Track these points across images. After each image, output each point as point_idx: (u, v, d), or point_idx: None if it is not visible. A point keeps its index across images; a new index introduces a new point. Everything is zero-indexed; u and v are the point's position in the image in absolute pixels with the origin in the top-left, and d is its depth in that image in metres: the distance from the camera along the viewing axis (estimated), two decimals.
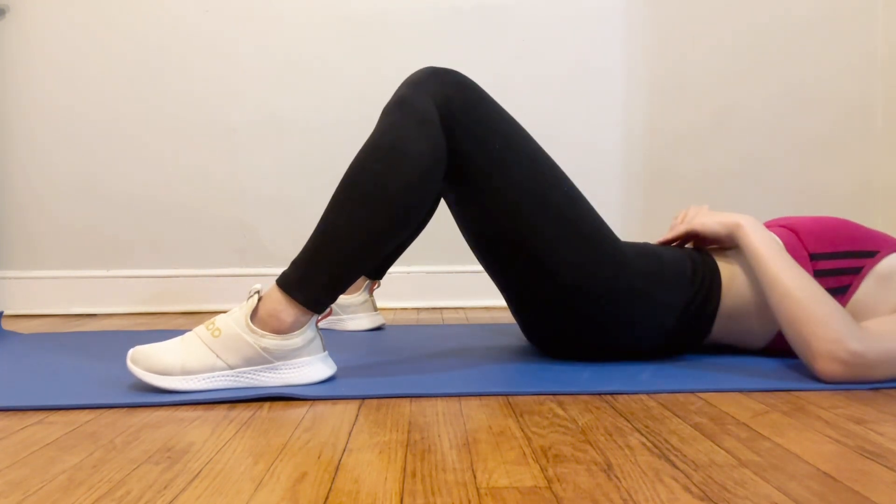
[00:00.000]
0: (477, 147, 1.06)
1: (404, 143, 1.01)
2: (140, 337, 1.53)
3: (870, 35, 2.09)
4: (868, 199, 2.11)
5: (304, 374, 1.03)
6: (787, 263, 1.07)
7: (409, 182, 1.01)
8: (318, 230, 1.02)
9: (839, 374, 1.00)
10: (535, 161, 1.10)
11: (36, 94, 2.03)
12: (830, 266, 1.13)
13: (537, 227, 1.08)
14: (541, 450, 0.75)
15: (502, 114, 1.10)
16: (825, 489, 0.64)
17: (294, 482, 0.67)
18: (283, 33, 2.05)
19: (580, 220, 1.11)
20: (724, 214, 1.18)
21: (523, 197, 1.08)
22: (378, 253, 1.03)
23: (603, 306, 1.12)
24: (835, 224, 1.18)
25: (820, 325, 1.00)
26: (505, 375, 1.09)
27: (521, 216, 1.08)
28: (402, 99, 1.05)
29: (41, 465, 0.72)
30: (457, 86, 1.07)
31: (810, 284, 1.04)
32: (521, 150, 1.09)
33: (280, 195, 2.06)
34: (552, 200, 1.09)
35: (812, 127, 2.10)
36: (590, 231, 1.11)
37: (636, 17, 2.08)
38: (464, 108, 1.05)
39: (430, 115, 1.03)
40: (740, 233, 1.14)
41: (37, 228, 2.04)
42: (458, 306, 2.09)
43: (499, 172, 1.07)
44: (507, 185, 1.07)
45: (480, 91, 1.09)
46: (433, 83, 1.06)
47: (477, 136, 1.06)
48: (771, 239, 1.11)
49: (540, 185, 1.09)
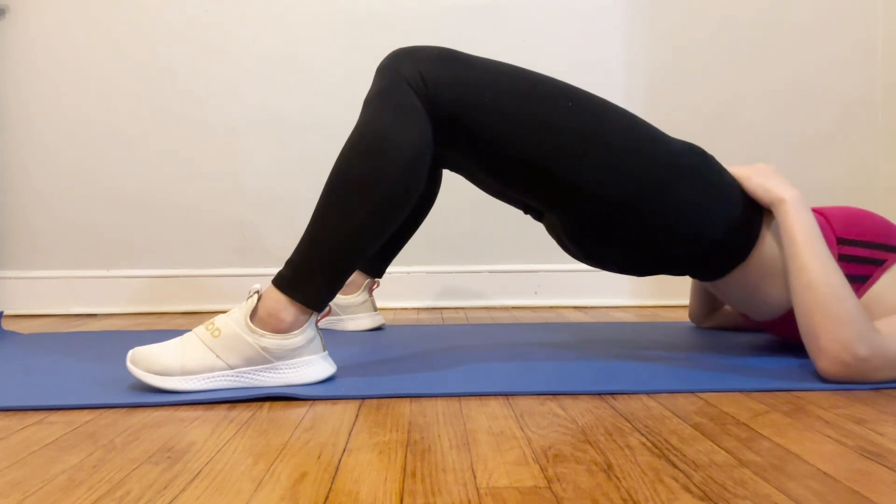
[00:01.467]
0: (467, 109, 1.03)
1: (386, 134, 1.00)
2: (140, 337, 1.53)
3: (870, 32, 2.09)
4: (868, 197, 2.11)
5: (304, 373, 1.03)
6: (820, 253, 1.04)
7: (396, 171, 1.00)
8: (311, 228, 1.02)
9: (840, 374, 1.00)
10: (533, 93, 1.05)
11: (36, 94, 2.03)
12: (855, 253, 1.12)
13: (564, 156, 1.04)
14: (541, 450, 0.75)
15: (481, 66, 1.06)
16: (825, 489, 0.64)
17: (294, 482, 0.67)
18: (283, 33, 2.05)
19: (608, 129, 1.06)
20: (775, 183, 1.12)
21: (532, 134, 1.04)
22: (371, 246, 1.03)
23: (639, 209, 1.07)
24: (865, 214, 1.18)
25: (835, 323, 1.00)
26: (505, 375, 1.09)
27: (542, 153, 1.04)
28: (378, 89, 1.03)
29: (41, 465, 0.72)
30: (425, 61, 1.04)
31: (837, 280, 1.02)
32: (514, 90, 1.05)
33: (280, 195, 2.06)
34: (568, 122, 1.04)
35: (812, 124, 2.10)
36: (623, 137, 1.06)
37: (635, 12, 2.08)
38: (437, 80, 1.02)
39: (408, 101, 1.01)
40: (782, 208, 1.09)
41: (37, 228, 2.04)
42: (458, 306, 2.09)
43: (501, 122, 1.03)
44: (514, 129, 1.04)
45: (451, 55, 1.05)
46: (403, 64, 1.03)
47: (462, 99, 1.03)
48: (812, 223, 1.07)
49: (544, 113, 1.04)
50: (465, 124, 1.03)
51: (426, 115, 1.02)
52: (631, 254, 1.14)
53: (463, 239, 2.10)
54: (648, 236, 1.10)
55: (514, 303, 2.09)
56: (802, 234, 1.06)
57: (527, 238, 2.09)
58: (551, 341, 1.41)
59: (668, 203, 1.08)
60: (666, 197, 1.07)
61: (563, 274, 2.09)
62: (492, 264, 2.10)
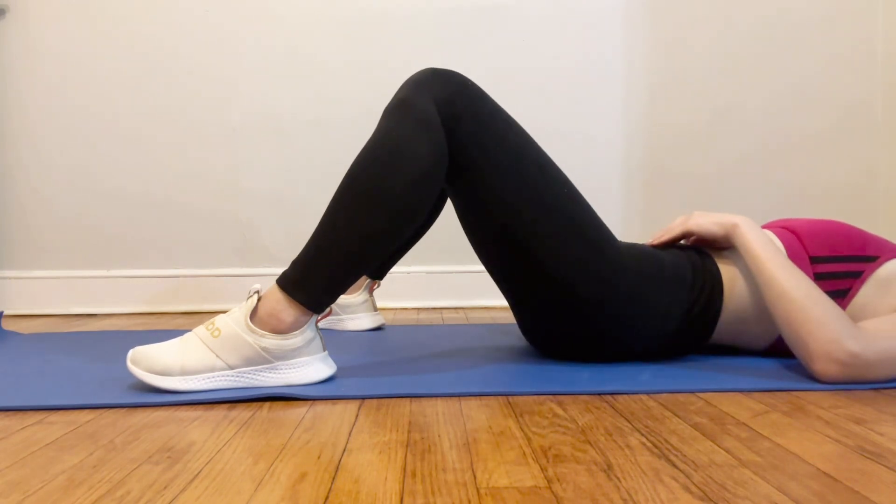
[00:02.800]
0: (478, 148, 1.06)
1: (405, 145, 1.01)
2: (140, 337, 1.53)
3: (870, 32, 2.09)
4: (869, 197, 2.11)
5: (304, 373, 1.03)
6: (784, 263, 1.07)
7: (410, 183, 1.01)
8: (319, 230, 1.02)
9: (837, 375, 1.00)
10: (535, 163, 1.10)
11: (36, 93, 2.03)
12: (831, 269, 1.13)
13: (537, 227, 1.08)
14: (541, 450, 0.75)
15: (503, 115, 1.10)
16: (825, 489, 0.64)
17: (294, 482, 0.67)
18: (283, 33, 2.05)
19: (580, 222, 1.11)
20: (720, 215, 1.18)
21: (523, 198, 1.08)
22: (379, 254, 1.03)
23: (603, 309, 1.11)
24: (836, 227, 1.18)
25: (817, 326, 1.00)
26: (505, 375, 1.09)
27: (520, 216, 1.08)
28: (403, 100, 1.05)
29: (41, 465, 0.72)
30: (458, 87, 1.07)
31: (807, 285, 1.04)
32: (522, 152, 1.09)
33: (280, 195, 2.06)
34: (552, 202, 1.09)
35: (812, 124, 2.10)
36: (590, 233, 1.11)
37: (636, 14, 2.08)
38: (465, 110, 1.05)
39: (431, 117, 1.03)
40: (737, 232, 1.14)
41: (37, 228, 2.04)
42: (458, 306, 2.09)
43: (499, 173, 1.07)
44: (507, 185, 1.07)
45: (481, 92, 1.09)
46: (435, 84, 1.06)
47: (478, 136, 1.06)
48: (767, 239, 1.11)
49: (540, 186, 1.09)
50: (470, 162, 1.06)
51: (444, 129, 1.04)
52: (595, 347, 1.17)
53: (463, 239, 2.09)
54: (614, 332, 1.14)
55: None
56: (763, 249, 1.10)
57: None
58: None
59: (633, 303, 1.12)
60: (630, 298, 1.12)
61: None
62: None
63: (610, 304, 1.11)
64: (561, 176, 1.12)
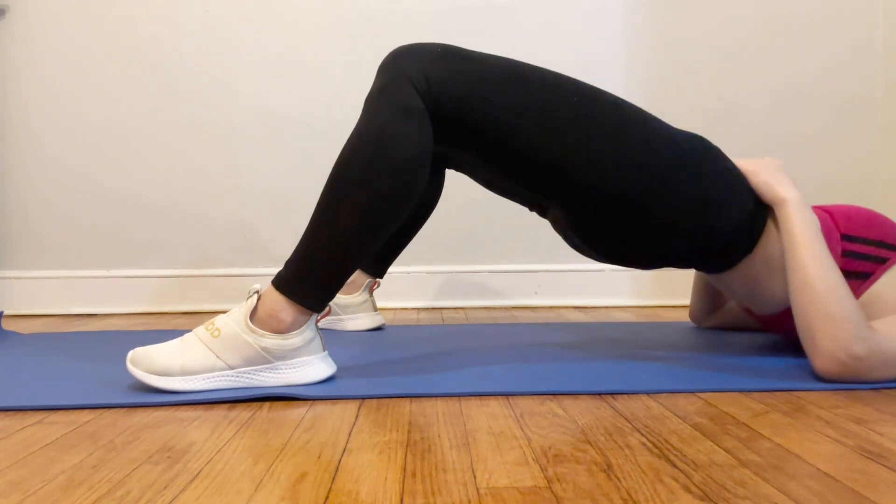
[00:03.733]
0: (472, 106, 1.02)
1: (388, 133, 0.99)
2: (140, 337, 1.53)
3: (870, 29, 2.09)
4: (868, 194, 2.11)
5: (304, 373, 1.03)
6: (819, 253, 1.05)
7: (395, 171, 0.99)
8: (310, 228, 1.01)
9: (836, 374, 1.00)
10: (538, 88, 1.05)
11: (36, 93, 2.03)
12: (858, 250, 1.13)
13: (570, 153, 1.04)
14: (541, 450, 0.75)
15: (485, 62, 1.05)
16: (825, 489, 0.64)
17: (294, 482, 0.67)
18: (283, 32, 2.05)
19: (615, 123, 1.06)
20: (779, 182, 1.13)
21: (538, 129, 1.03)
22: (371, 247, 1.02)
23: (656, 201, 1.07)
24: (870, 213, 1.18)
25: (830, 322, 1.00)
26: (505, 375, 1.09)
27: (542, 146, 1.04)
28: (380, 87, 1.03)
29: (41, 465, 0.72)
30: (428, 59, 1.03)
31: (834, 279, 1.02)
32: (519, 87, 1.04)
33: (280, 195, 2.06)
34: (566, 116, 1.04)
35: (812, 122, 2.10)
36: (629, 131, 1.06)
37: (635, 11, 2.08)
38: (442, 79, 1.02)
39: (410, 100, 1.01)
40: (784, 208, 1.11)
41: (37, 228, 2.04)
42: (458, 306, 2.09)
43: (506, 118, 1.03)
44: (516, 123, 1.03)
45: (455, 52, 1.05)
46: (406, 63, 1.02)
47: (467, 97, 1.02)
48: (812, 224, 1.08)
49: (549, 108, 1.04)
50: (470, 121, 1.03)
51: (427, 114, 1.02)
52: (636, 247, 1.14)
53: (463, 239, 2.10)
54: (654, 230, 1.10)
55: (514, 303, 2.09)
56: (802, 234, 1.07)
57: (527, 238, 2.09)
58: (551, 341, 1.41)
59: (674, 197, 1.08)
60: (672, 191, 1.08)
61: (564, 274, 2.09)
62: (492, 264, 2.10)
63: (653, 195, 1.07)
64: (565, 88, 1.06)
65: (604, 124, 1.05)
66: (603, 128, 1.05)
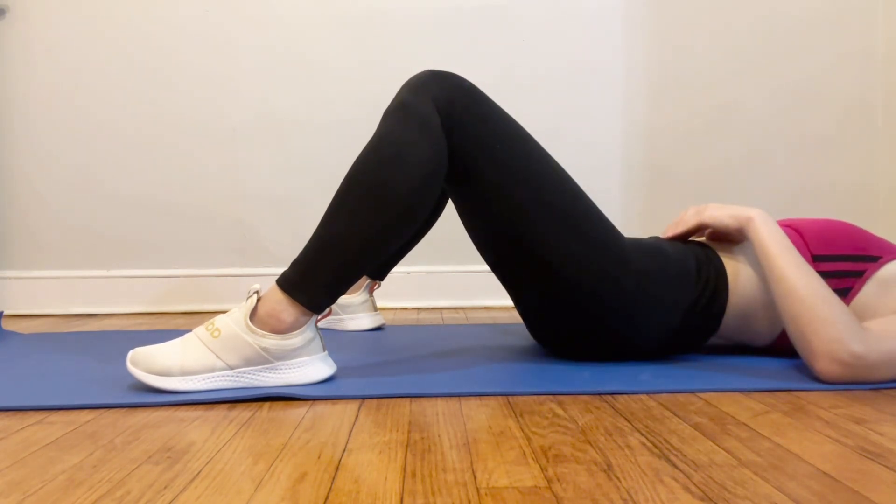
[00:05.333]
0: (478, 148, 1.06)
1: (406, 147, 1.01)
2: (140, 337, 1.53)
3: (870, 32, 2.09)
4: (869, 197, 2.11)
5: (304, 373, 1.03)
6: (796, 260, 1.07)
7: (411, 185, 1.01)
8: (319, 232, 1.02)
9: (838, 375, 1.00)
10: (536, 161, 1.10)
11: (36, 93, 2.03)
12: (833, 268, 1.13)
13: (540, 226, 1.09)
14: (541, 450, 0.75)
15: (503, 115, 1.11)
16: (825, 489, 0.64)
17: (294, 482, 0.67)
18: (283, 33, 2.05)
19: (583, 218, 1.11)
20: (735, 207, 1.17)
21: (525, 196, 1.08)
22: (379, 255, 1.03)
23: (608, 305, 1.12)
24: (839, 227, 1.18)
25: (822, 325, 1.00)
26: (505, 375, 1.09)
27: (523, 215, 1.09)
28: (403, 102, 1.05)
29: (41, 465, 0.72)
30: (457, 89, 1.07)
31: (817, 283, 1.04)
32: (523, 151, 1.09)
33: (280, 195, 2.06)
34: (554, 200, 1.09)
35: (812, 124, 2.10)
36: (592, 229, 1.11)
37: (636, 14, 2.08)
38: (465, 111, 1.06)
39: (431, 119, 1.04)
40: (751, 226, 1.13)
41: (37, 228, 2.04)
42: (458, 306, 2.09)
43: (500, 173, 1.08)
44: (508, 184, 1.08)
45: (481, 94, 1.10)
46: (434, 86, 1.06)
47: (478, 137, 1.06)
48: (781, 234, 1.11)
49: (542, 184, 1.09)
50: (471, 162, 1.07)
51: (444, 132, 1.05)
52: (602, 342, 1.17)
53: (463, 239, 2.09)
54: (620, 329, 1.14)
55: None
56: (775, 245, 1.09)
57: None
58: None
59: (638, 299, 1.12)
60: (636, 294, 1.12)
61: None
62: None
63: (615, 301, 1.11)
64: (562, 174, 1.12)
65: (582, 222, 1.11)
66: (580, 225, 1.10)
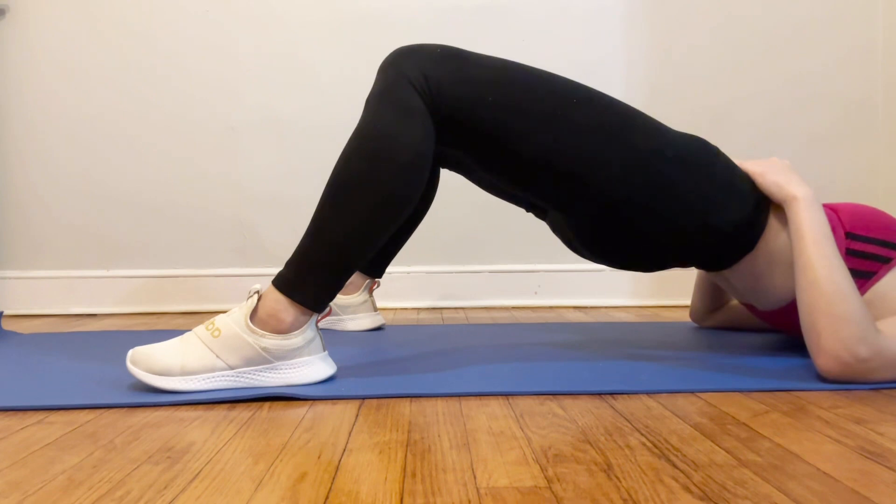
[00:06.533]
0: (471, 106, 1.02)
1: (388, 134, 1.00)
2: (140, 337, 1.53)
3: (870, 31, 2.09)
4: (869, 197, 2.11)
5: (304, 373, 1.03)
6: (828, 252, 1.04)
7: (396, 172, 0.99)
8: (310, 228, 1.02)
9: (838, 374, 1.00)
10: (535, 89, 1.05)
11: (36, 94, 2.03)
12: (863, 249, 1.13)
13: (563, 151, 1.04)
14: (541, 450, 0.75)
15: (482, 63, 1.05)
16: (825, 489, 0.64)
17: (294, 482, 0.67)
18: (283, 33, 2.05)
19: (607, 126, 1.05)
20: (788, 181, 1.12)
21: (538, 130, 1.03)
22: (371, 247, 1.03)
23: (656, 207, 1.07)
24: (875, 212, 1.18)
25: (835, 321, 0.99)
26: (505, 375, 1.09)
27: (541, 148, 1.04)
28: (381, 88, 1.03)
29: (41, 465, 0.72)
30: (428, 61, 1.03)
31: (840, 279, 1.02)
32: (517, 87, 1.04)
33: (280, 195, 2.06)
34: (573, 115, 1.04)
35: (812, 124, 2.10)
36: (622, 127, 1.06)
37: (634, 13, 2.08)
38: (441, 82, 1.02)
39: (411, 103, 1.01)
40: (794, 206, 1.09)
41: (37, 228, 2.04)
42: (458, 306, 2.09)
43: (503, 119, 1.03)
44: (516, 126, 1.03)
45: (453, 54, 1.05)
46: (407, 64, 1.03)
47: (465, 96, 1.02)
48: (822, 222, 1.07)
49: (549, 109, 1.04)
50: (469, 122, 1.03)
51: (428, 114, 1.02)
52: (638, 250, 1.14)
53: (463, 239, 2.10)
54: (655, 231, 1.10)
55: (514, 303, 2.09)
56: (812, 232, 1.06)
57: (526, 238, 2.09)
58: (551, 341, 1.41)
59: (675, 199, 1.08)
60: (672, 192, 1.08)
61: (563, 274, 2.09)
62: (492, 264, 2.10)
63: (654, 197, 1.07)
64: (565, 88, 1.06)
65: (604, 126, 1.05)
66: (604, 129, 1.05)
